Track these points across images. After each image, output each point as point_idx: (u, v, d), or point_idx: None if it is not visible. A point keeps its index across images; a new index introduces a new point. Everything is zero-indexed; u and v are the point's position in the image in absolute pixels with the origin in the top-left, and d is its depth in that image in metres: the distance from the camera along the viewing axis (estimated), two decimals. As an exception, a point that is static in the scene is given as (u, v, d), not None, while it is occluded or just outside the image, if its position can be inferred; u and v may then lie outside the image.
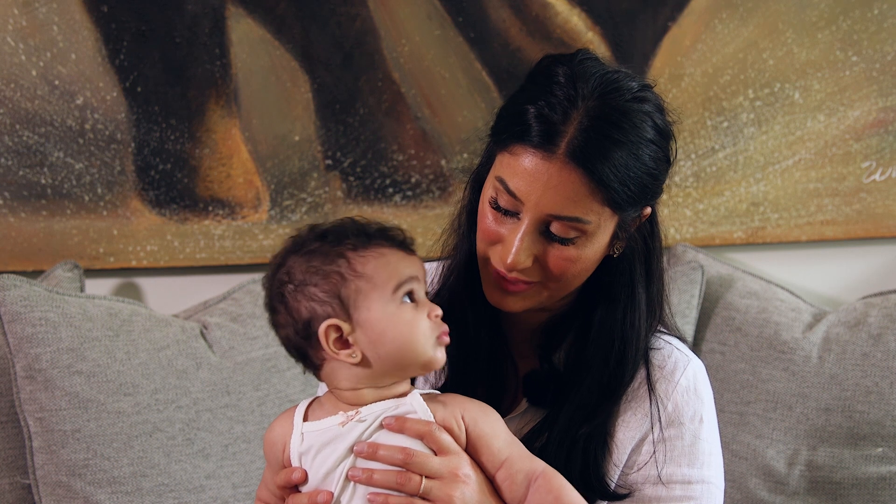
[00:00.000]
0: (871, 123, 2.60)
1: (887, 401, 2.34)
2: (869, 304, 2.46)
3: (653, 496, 1.50)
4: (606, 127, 1.41)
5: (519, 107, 1.45)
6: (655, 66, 2.57)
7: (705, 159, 2.60)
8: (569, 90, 1.43)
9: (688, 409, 1.51)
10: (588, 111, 1.42)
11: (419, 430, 1.36)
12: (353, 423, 1.38)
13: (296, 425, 1.42)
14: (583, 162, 1.40)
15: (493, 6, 2.52)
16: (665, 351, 1.55)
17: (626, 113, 1.43)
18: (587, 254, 1.46)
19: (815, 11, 2.57)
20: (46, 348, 2.18)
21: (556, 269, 1.45)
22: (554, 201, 1.42)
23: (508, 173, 1.44)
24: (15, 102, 2.43)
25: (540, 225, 1.44)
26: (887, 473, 2.33)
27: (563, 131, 1.41)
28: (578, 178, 1.41)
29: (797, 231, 2.62)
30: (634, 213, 1.48)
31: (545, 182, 1.41)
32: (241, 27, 2.48)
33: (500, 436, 1.40)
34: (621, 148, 1.42)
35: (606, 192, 1.42)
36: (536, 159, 1.42)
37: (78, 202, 2.47)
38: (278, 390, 2.33)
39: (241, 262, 2.54)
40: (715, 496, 1.53)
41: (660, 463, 1.50)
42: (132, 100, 2.46)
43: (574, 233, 1.44)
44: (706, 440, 1.52)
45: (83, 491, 2.17)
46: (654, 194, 1.49)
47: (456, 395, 1.42)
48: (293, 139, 2.52)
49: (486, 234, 1.48)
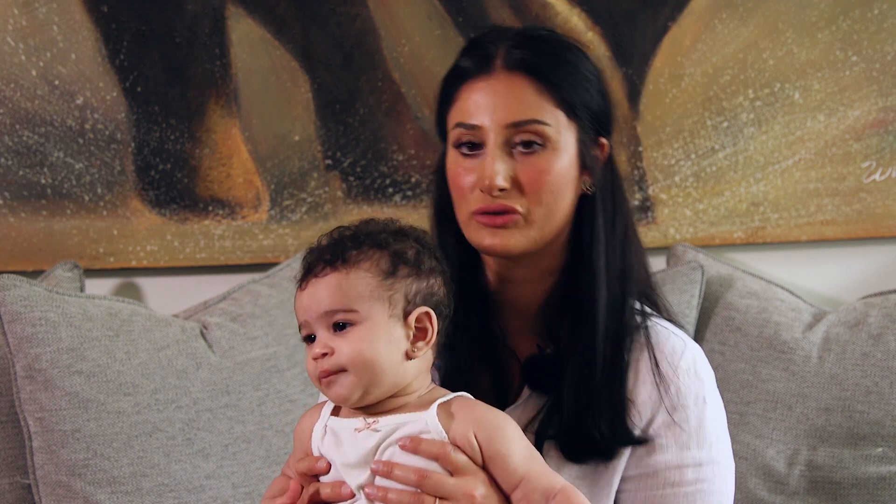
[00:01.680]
0: (871, 123, 2.61)
1: (887, 401, 2.34)
2: (869, 304, 2.46)
3: (666, 482, 1.51)
4: (533, 41, 1.52)
5: (447, 73, 1.56)
6: (655, 66, 2.57)
7: (705, 159, 2.60)
8: (488, 33, 1.55)
9: (690, 393, 1.52)
10: (512, 38, 1.52)
11: (434, 451, 1.35)
12: (369, 432, 1.37)
13: (322, 416, 1.42)
14: (521, 66, 1.49)
15: (493, 6, 2.52)
16: (663, 335, 1.55)
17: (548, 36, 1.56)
18: (558, 167, 1.50)
19: (815, 11, 2.57)
20: (46, 348, 2.18)
21: (533, 182, 1.48)
22: (508, 110, 1.48)
23: (462, 114, 1.51)
24: (15, 102, 2.43)
25: (505, 142, 1.49)
26: (887, 473, 2.33)
27: (494, 54, 1.51)
28: (522, 80, 1.49)
29: (797, 231, 2.62)
30: (588, 131, 1.53)
31: (493, 97, 1.49)
32: (241, 27, 2.48)
33: (516, 453, 1.38)
34: (551, 50, 1.52)
35: (554, 90, 1.49)
36: (479, 84, 1.50)
37: (78, 202, 2.47)
38: (278, 390, 2.33)
39: (241, 262, 2.54)
40: (726, 476, 1.54)
41: (669, 448, 1.51)
42: (132, 100, 2.46)
43: (537, 138, 1.48)
44: (712, 421, 1.54)
45: (83, 491, 2.17)
46: (599, 113, 1.54)
47: (473, 407, 1.40)
48: (293, 139, 2.52)
49: (461, 184, 1.52)
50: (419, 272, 1.41)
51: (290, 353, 2.37)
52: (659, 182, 2.59)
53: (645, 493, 1.52)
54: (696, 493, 1.51)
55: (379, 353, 1.37)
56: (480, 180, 1.49)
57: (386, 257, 1.40)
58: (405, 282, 1.39)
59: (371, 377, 1.37)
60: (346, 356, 1.36)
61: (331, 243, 1.42)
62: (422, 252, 1.42)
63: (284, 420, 2.32)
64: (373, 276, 1.38)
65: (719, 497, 1.53)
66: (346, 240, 1.42)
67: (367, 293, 1.38)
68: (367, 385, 1.37)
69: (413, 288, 1.40)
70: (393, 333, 1.38)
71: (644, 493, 1.52)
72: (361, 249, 1.40)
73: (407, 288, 1.39)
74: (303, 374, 2.36)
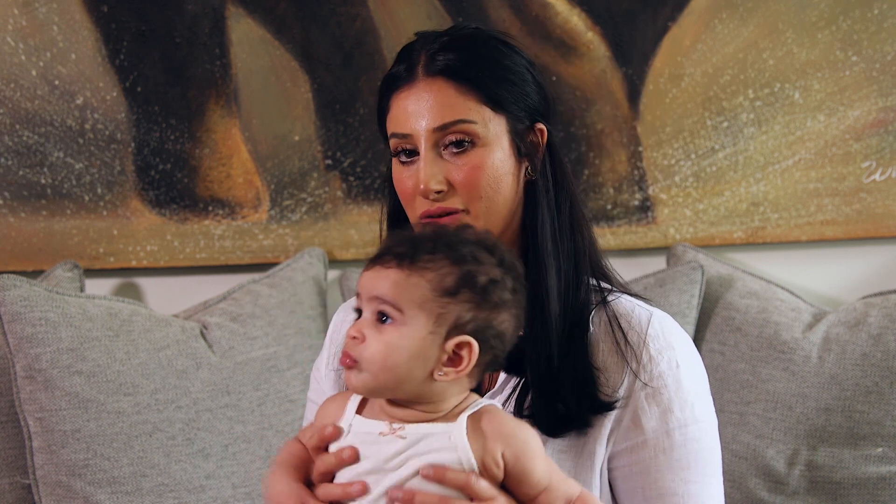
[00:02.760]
0: (871, 123, 2.61)
1: (887, 401, 2.34)
2: (869, 304, 2.46)
3: (656, 448, 1.53)
4: (453, 42, 1.56)
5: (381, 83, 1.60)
6: (655, 66, 2.57)
7: (705, 159, 2.60)
8: (415, 42, 1.58)
9: (663, 359, 1.55)
10: (435, 43, 1.56)
11: (459, 482, 1.33)
12: (393, 438, 1.34)
13: (347, 414, 1.39)
14: (438, 69, 1.53)
15: (493, 6, 2.52)
16: (627, 307, 1.58)
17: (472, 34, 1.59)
18: (492, 162, 1.54)
19: (815, 11, 2.57)
20: (46, 348, 2.18)
21: (467, 180, 1.52)
22: (432, 115, 1.52)
23: (394, 124, 1.55)
24: (15, 102, 2.43)
25: (434, 145, 1.53)
26: (887, 473, 2.33)
27: (416, 62, 1.55)
28: (442, 83, 1.53)
29: (797, 231, 2.62)
30: (521, 120, 1.56)
31: (417, 104, 1.53)
32: (241, 27, 2.48)
33: (539, 467, 1.36)
34: (471, 50, 1.55)
35: (475, 88, 1.53)
36: (404, 94, 1.54)
37: (78, 202, 2.47)
38: (278, 390, 2.33)
39: (241, 262, 2.54)
40: (711, 434, 1.57)
41: (653, 415, 1.53)
42: (132, 100, 2.46)
43: (465, 136, 1.52)
44: (688, 382, 1.56)
45: (83, 491, 2.17)
46: (531, 101, 1.57)
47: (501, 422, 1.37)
48: (293, 139, 2.52)
49: (405, 191, 1.56)
50: (483, 301, 1.35)
51: (290, 353, 2.37)
52: (659, 182, 2.59)
53: (639, 466, 1.54)
54: (689, 454, 1.54)
55: (401, 362, 1.34)
56: (417, 186, 1.53)
57: (454, 275, 1.34)
58: (462, 306, 1.34)
59: (386, 381, 1.34)
60: (370, 353, 1.34)
61: (411, 238, 1.38)
62: (498, 282, 1.36)
63: (284, 420, 2.32)
64: (431, 288, 1.34)
65: (709, 454, 1.56)
66: (426, 240, 1.37)
67: (419, 301, 1.34)
68: (380, 386, 1.35)
69: (468, 315, 1.34)
70: (425, 350, 1.34)
71: (638, 466, 1.54)
72: (434, 256, 1.35)
73: (461, 313, 1.34)
74: (303, 374, 2.36)
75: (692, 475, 1.54)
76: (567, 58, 2.53)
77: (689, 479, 1.54)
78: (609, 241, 2.59)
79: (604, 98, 2.56)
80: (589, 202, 2.58)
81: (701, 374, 1.61)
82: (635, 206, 2.59)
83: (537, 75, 1.60)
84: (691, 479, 1.54)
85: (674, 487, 1.53)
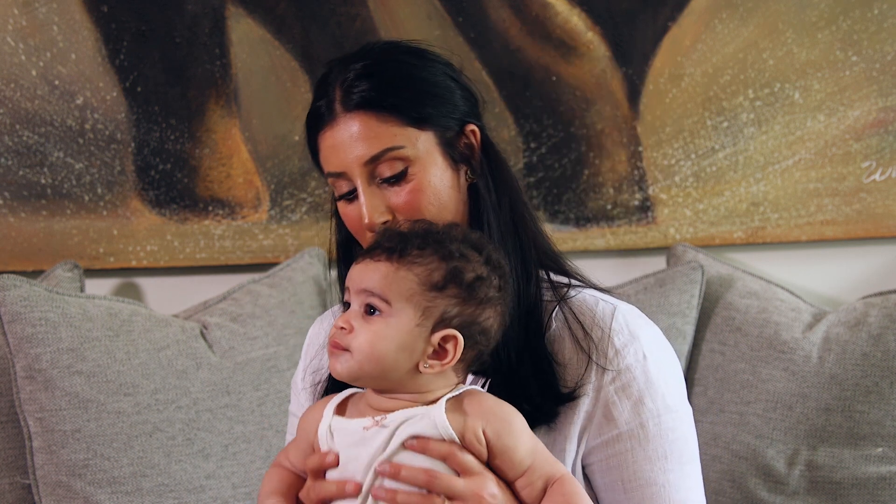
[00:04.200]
0: (871, 123, 2.61)
1: (887, 401, 2.34)
2: (869, 304, 2.46)
3: (631, 439, 1.53)
4: (366, 69, 1.55)
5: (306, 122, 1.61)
6: (655, 66, 2.57)
7: (705, 159, 2.60)
8: (328, 73, 1.58)
9: (629, 352, 1.54)
10: (348, 72, 1.55)
11: (442, 452, 1.36)
12: (377, 429, 1.37)
13: (325, 417, 1.41)
14: (355, 104, 1.52)
15: (493, 6, 2.52)
16: (590, 302, 1.58)
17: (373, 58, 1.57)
18: (430, 180, 1.53)
19: (815, 11, 2.57)
20: (46, 348, 2.18)
21: (409, 205, 1.52)
22: (360, 149, 1.52)
23: (326, 164, 1.56)
24: (15, 102, 2.43)
25: (368, 177, 1.53)
26: (887, 473, 2.33)
27: (332, 99, 1.55)
28: (360, 117, 1.52)
29: (797, 231, 2.62)
30: (449, 128, 1.55)
31: (343, 142, 1.53)
32: (241, 27, 2.48)
33: (523, 445, 1.39)
34: (385, 74, 1.54)
35: (395, 112, 1.52)
36: (328, 133, 1.54)
37: (78, 202, 2.47)
38: (278, 390, 2.33)
39: (241, 262, 2.54)
40: (686, 422, 1.57)
41: (625, 408, 1.53)
42: (132, 100, 2.47)
43: (399, 164, 1.52)
44: (656, 372, 1.55)
45: (83, 491, 2.17)
46: (456, 106, 1.56)
47: (481, 401, 1.40)
48: (293, 139, 2.52)
49: (353, 227, 1.56)
50: (469, 297, 1.39)
51: (290, 353, 2.37)
52: (659, 182, 2.59)
53: (616, 459, 1.54)
54: (664, 444, 1.54)
55: (387, 353, 1.37)
56: (361, 216, 1.53)
57: (441, 270, 1.38)
58: (448, 301, 1.38)
59: (371, 370, 1.37)
60: (358, 342, 1.37)
61: (400, 233, 1.42)
62: (484, 279, 1.40)
63: (284, 420, 2.32)
64: (419, 282, 1.37)
65: (685, 443, 1.56)
66: (415, 235, 1.41)
67: (407, 294, 1.37)
68: (364, 374, 1.38)
69: (455, 310, 1.38)
70: (411, 342, 1.37)
71: (615, 460, 1.54)
72: (423, 252, 1.39)
73: (448, 307, 1.38)
74: (303, 374, 2.36)
75: (670, 464, 1.54)
76: (567, 58, 2.53)
77: (668, 469, 1.54)
78: (609, 241, 2.59)
79: (604, 98, 2.56)
80: (589, 202, 2.58)
81: (670, 363, 1.59)
82: (635, 206, 2.59)
83: (459, 77, 1.60)
84: (669, 468, 1.54)
85: (653, 477, 1.53)
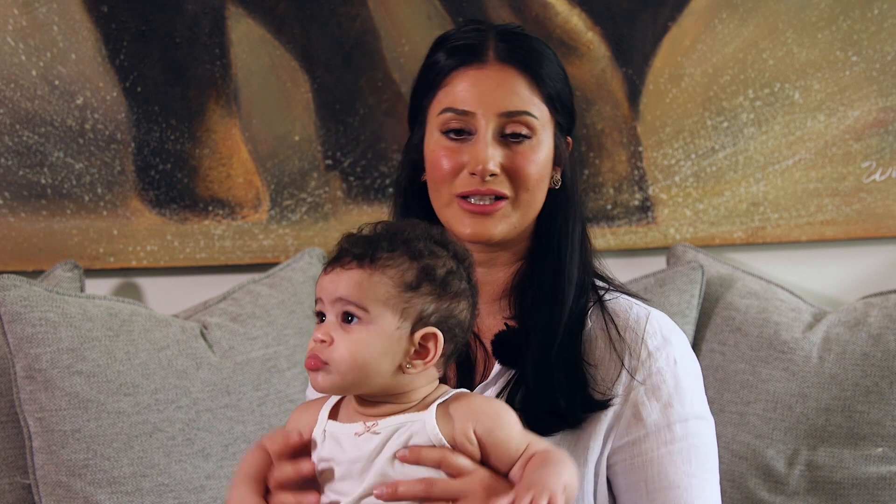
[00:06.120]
0: (871, 123, 2.61)
1: (887, 401, 2.34)
2: (869, 304, 2.46)
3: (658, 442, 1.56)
4: (519, 38, 1.60)
5: (431, 61, 1.61)
6: (655, 66, 2.57)
7: (705, 159, 2.60)
8: (472, 25, 1.61)
9: (661, 356, 1.58)
10: (497, 33, 1.60)
11: (435, 459, 1.36)
12: (369, 436, 1.37)
13: (320, 421, 1.42)
14: (514, 60, 1.57)
15: (493, 6, 2.52)
16: (625, 306, 1.62)
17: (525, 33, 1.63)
18: (540, 157, 1.58)
19: (815, 11, 2.57)
20: (46, 348, 2.18)
21: (520, 169, 1.56)
22: (502, 99, 1.55)
23: (453, 99, 1.56)
24: (15, 102, 2.43)
25: (496, 130, 1.56)
26: (887, 473, 2.34)
27: (486, 45, 1.57)
28: (515, 73, 1.56)
29: (797, 231, 2.62)
30: (563, 128, 1.63)
31: (488, 85, 1.55)
32: (241, 27, 2.48)
33: (514, 438, 1.39)
34: (537, 52, 1.60)
35: (542, 84, 1.58)
36: (473, 72, 1.56)
37: (78, 202, 2.47)
38: (278, 390, 2.33)
39: (241, 262, 2.54)
40: (709, 430, 1.60)
41: (654, 410, 1.56)
42: (132, 100, 2.47)
43: (525, 129, 1.56)
44: (685, 378, 1.59)
45: (83, 491, 2.17)
46: (571, 110, 1.64)
47: (469, 401, 1.41)
48: (293, 139, 2.52)
49: (444, 167, 1.57)
50: (443, 293, 1.40)
51: (290, 353, 2.37)
52: (659, 182, 2.59)
53: (640, 459, 1.56)
54: (690, 448, 1.56)
55: (371, 360, 1.37)
56: (473, 164, 1.55)
57: (413, 270, 1.38)
58: (424, 299, 1.38)
59: (354, 379, 1.37)
60: (340, 354, 1.37)
61: (366, 238, 1.41)
62: (454, 273, 1.41)
63: (284, 420, 2.31)
64: (394, 284, 1.38)
65: (707, 451, 1.59)
66: (382, 238, 1.40)
67: (383, 299, 1.37)
68: (348, 384, 1.38)
69: (431, 307, 1.39)
70: (394, 345, 1.38)
71: (640, 459, 1.56)
72: (393, 254, 1.39)
73: (424, 305, 1.38)
74: (303, 374, 2.36)
75: (693, 469, 1.56)
76: (567, 58, 2.53)
77: (691, 473, 1.56)
78: (609, 241, 2.59)
79: (604, 98, 2.56)
80: (589, 202, 2.58)
81: (697, 372, 1.63)
82: (635, 206, 2.60)
83: (571, 86, 1.66)
84: (692, 473, 1.56)
85: (677, 480, 1.56)
